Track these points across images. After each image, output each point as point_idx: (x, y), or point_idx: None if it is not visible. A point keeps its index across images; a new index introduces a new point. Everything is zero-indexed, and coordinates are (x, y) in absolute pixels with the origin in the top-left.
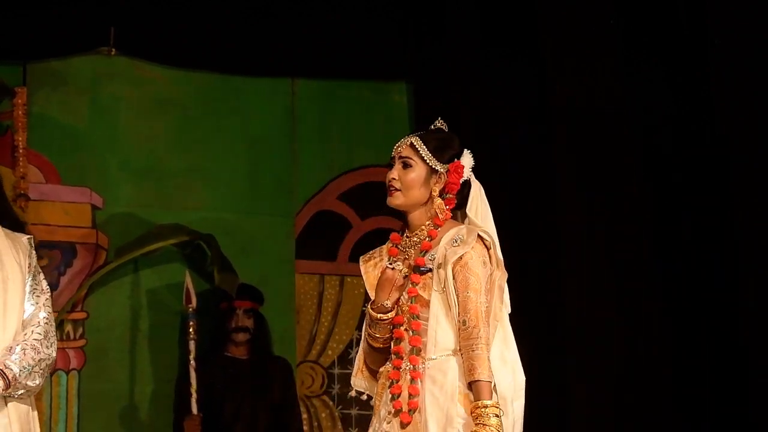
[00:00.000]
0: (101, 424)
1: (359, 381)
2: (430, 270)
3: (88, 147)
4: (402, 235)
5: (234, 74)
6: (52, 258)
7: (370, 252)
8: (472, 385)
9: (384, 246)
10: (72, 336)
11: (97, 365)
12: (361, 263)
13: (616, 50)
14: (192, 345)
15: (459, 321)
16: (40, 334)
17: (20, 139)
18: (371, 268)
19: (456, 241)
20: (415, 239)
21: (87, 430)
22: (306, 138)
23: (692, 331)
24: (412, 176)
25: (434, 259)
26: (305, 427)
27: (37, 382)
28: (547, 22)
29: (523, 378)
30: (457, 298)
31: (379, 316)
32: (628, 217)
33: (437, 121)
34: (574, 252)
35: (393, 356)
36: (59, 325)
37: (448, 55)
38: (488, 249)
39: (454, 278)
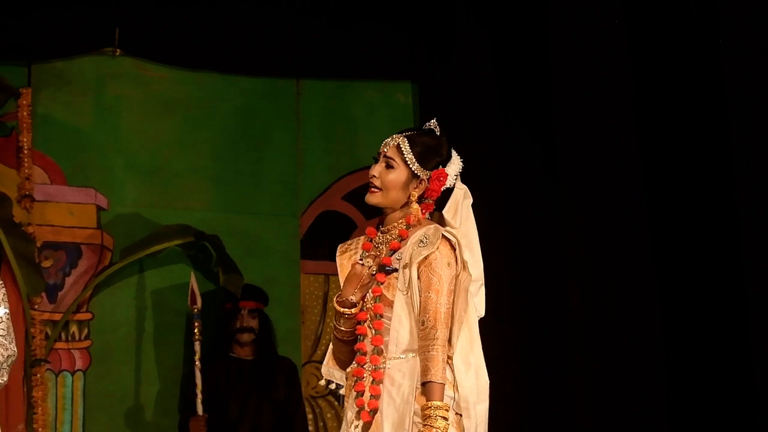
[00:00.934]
0: (106, 424)
1: (327, 369)
2: (396, 270)
3: (92, 147)
4: (377, 230)
5: (238, 74)
6: (57, 259)
7: (348, 242)
8: (424, 386)
9: (361, 238)
10: (77, 337)
11: (102, 366)
12: (337, 253)
13: (624, 52)
14: (197, 346)
15: (419, 321)
16: (4, 330)
17: (25, 139)
18: (346, 260)
19: (422, 242)
20: (388, 237)
21: (92, 431)
22: (311, 138)
23: (692, 331)
24: (392, 177)
25: (401, 258)
26: (310, 428)
27: (5, 378)
28: (554, 23)
29: (487, 381)
30: (419, 299)
31: (342, 310)
32: (630, 217)
33: (430, 122)
34: (574, 252)
35: (357, 353)
36: (65, 326)
37: (454, 55)
38: (454, 249)
39: (418, 278)
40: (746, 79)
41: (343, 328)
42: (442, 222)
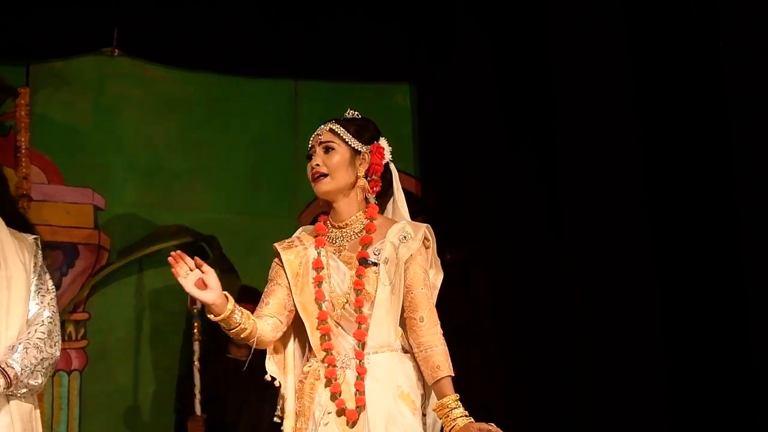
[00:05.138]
0: (103, 425)
1: (272, 366)
2: (376, 264)
3: (90, 147)
4: (327, 225)
5: (237, 75)
6: (54, 258)
7: (288, 240)
8: (439, 381)
9: (302, 234)
10: (74, 337)
11: (99, 366)
12: (280, 249)
13: (624, 52)
14: (196, 346)
15: (415, 318)
16: (43, 333)
17: (23, 139)
18: (293, 256)
19: (405, 237)
20: (349, 232)
21: (88, 431)
22: (309, 138)
23: (692, 331)
24: (337, 159)
25: (379, 253)
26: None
27: (40, 381)
28: (554, 23)
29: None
30: (408, 295)
31: (211, 318)
32: (630, 217)
33: (349, 111)
34: (574, 252)
35: (324, 353)
36: (61, 326)
37: (453, 57)
38: (427, 249)
39: (405, 274)
40: (746, 79)
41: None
42: (383, 211)
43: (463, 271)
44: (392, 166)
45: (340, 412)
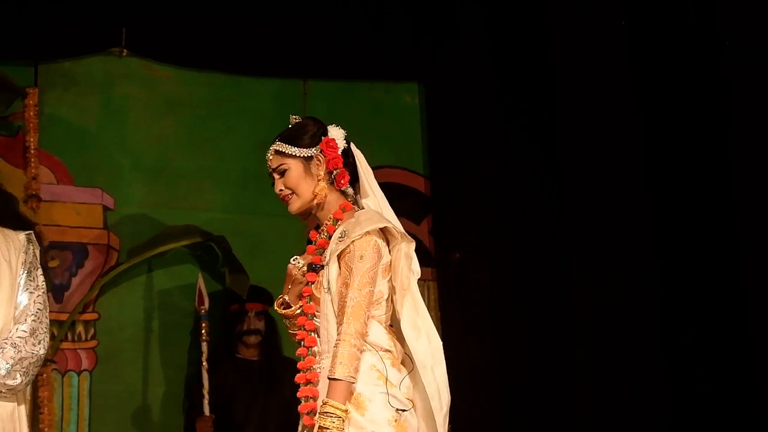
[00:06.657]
0: (112, 425)
1: None
2: (323, 267)
3: (99, 147)
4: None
5: (245, 75)
6: (63, 259)
7: (302, 255)
8: (328, 381)
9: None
10: (83, 337)
11: (108, 366)
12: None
13: (625, 52)
14: (204, 346)
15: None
16: (25, 331)
17: (31, 139)
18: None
19: (341, 237)
20: (323, 237)
21: (98, 431)
22: None
23: (694, 331)
24: (292, 176)
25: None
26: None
27: (19, 380)
28: (557, 24)
29: (440, 343)
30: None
31: (276, 308)
32: (632, 217)
33: (291, 118)
34: (576, 252)
35: (299, 359)
36: (71, 326)
37: (460, 56)
38: (383, 233)
39: (338, 272)
40: (745, 76)
41: (289, 330)
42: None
43: (464, 271)
44: (353, 148)
45: (300, 416)
